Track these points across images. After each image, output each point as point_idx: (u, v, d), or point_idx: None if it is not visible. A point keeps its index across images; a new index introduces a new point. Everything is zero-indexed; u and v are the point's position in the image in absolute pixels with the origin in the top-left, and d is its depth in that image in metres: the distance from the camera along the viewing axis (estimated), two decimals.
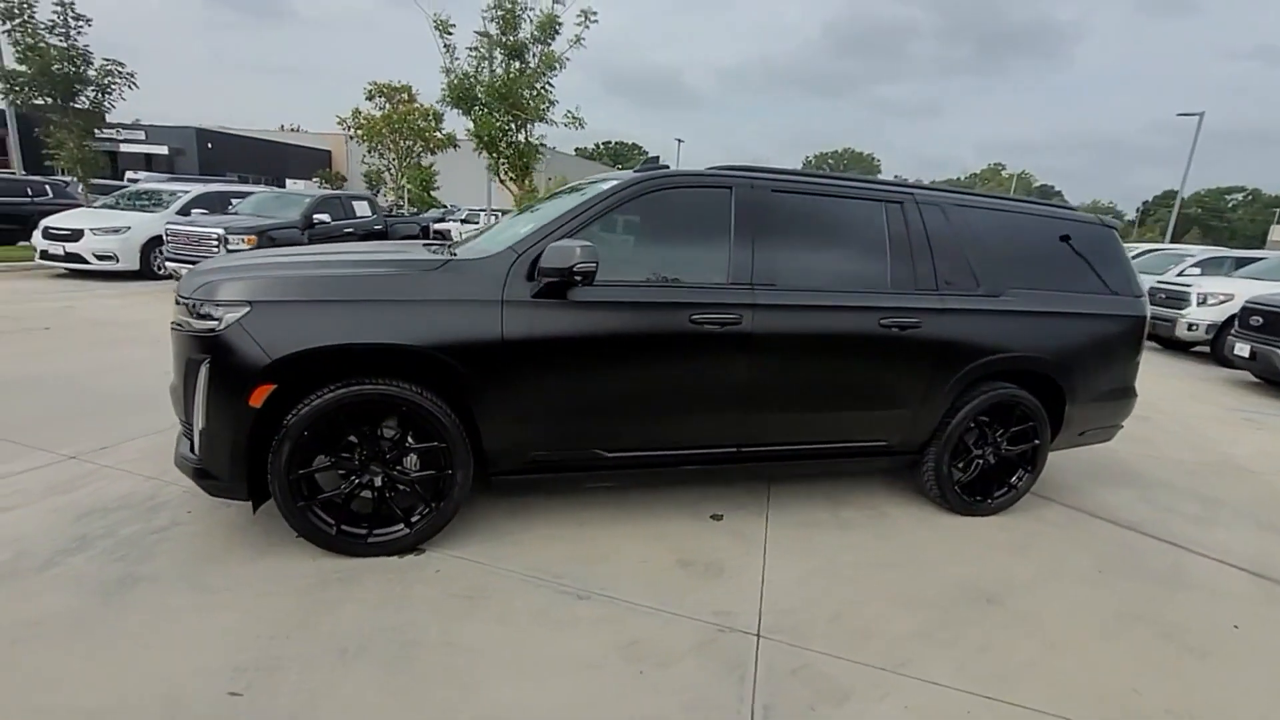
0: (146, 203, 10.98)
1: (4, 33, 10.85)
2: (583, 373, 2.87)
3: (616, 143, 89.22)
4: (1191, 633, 2.71)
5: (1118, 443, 4.36)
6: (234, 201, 10.98)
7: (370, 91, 13.17)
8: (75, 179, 13.36)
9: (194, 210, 10.60)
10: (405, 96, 15.81)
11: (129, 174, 23.77)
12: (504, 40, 10.42)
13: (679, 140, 51.85)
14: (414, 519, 2.81)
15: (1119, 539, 3.56)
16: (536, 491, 3.40)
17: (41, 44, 11.24)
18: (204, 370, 2.49)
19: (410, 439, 2.75)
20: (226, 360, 2.47)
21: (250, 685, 2.00)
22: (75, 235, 9.76)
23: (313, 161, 42.87)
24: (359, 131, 14.20)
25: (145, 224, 10.17)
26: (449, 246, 3.69)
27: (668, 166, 3.24)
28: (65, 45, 11.53)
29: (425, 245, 4.10)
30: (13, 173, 14.16)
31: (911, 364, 3.35)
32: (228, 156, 35.89)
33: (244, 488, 2.59)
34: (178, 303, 2.65)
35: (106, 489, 3.16)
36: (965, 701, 2.20)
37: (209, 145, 36.24)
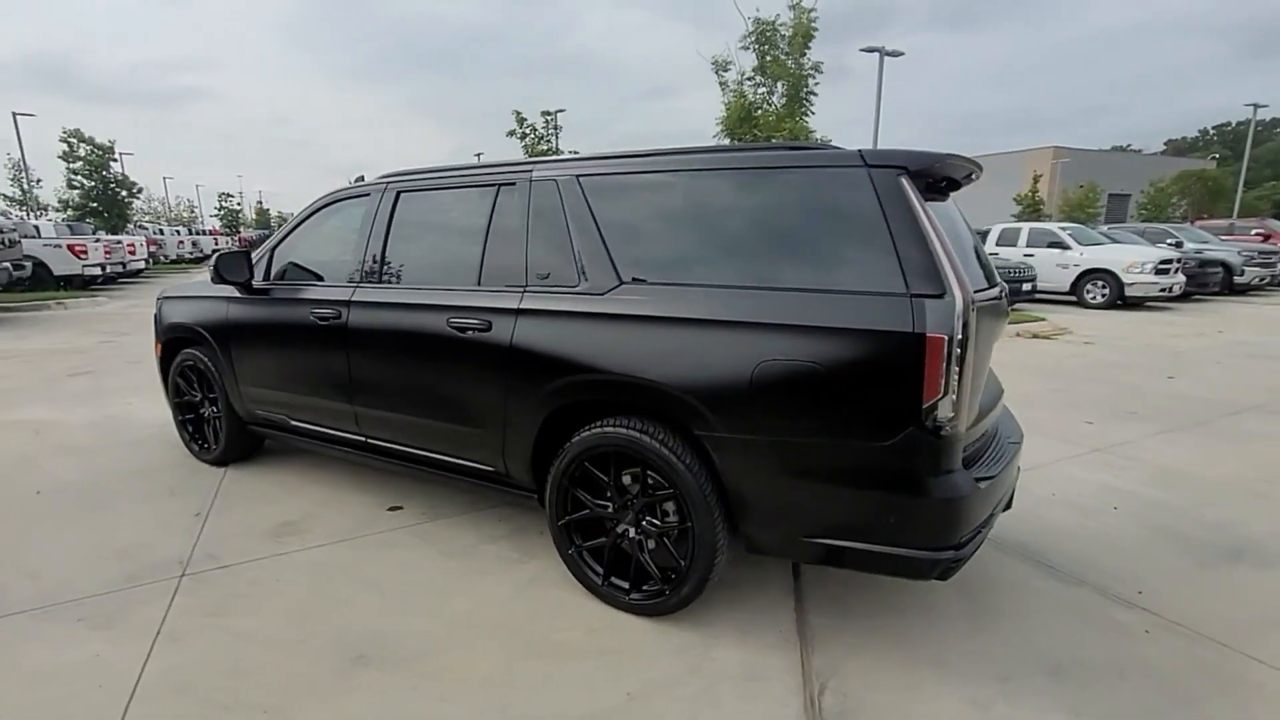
0: None
1: (523, 147, 17.23)
2: (258, 353, 3.70)
3: (1238, 123, 66.18)
4: None
5: None
6: None
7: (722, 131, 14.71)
8: None
9: None
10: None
11: None
12: (765, 60, 10.10)
13: None
14: (215, 446, 4.18)
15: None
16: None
17: (536, 149, 17.28)
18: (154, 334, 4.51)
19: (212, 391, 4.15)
20: (156, 329, 4.41)
21: None
22: None
23: None
24: None
25: None
26: None
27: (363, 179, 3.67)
28: (546, 149, 17.34)
29: None
30: None
31: (482, 375, 2.77)
32: None
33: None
34: None
35: None
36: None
37: None
